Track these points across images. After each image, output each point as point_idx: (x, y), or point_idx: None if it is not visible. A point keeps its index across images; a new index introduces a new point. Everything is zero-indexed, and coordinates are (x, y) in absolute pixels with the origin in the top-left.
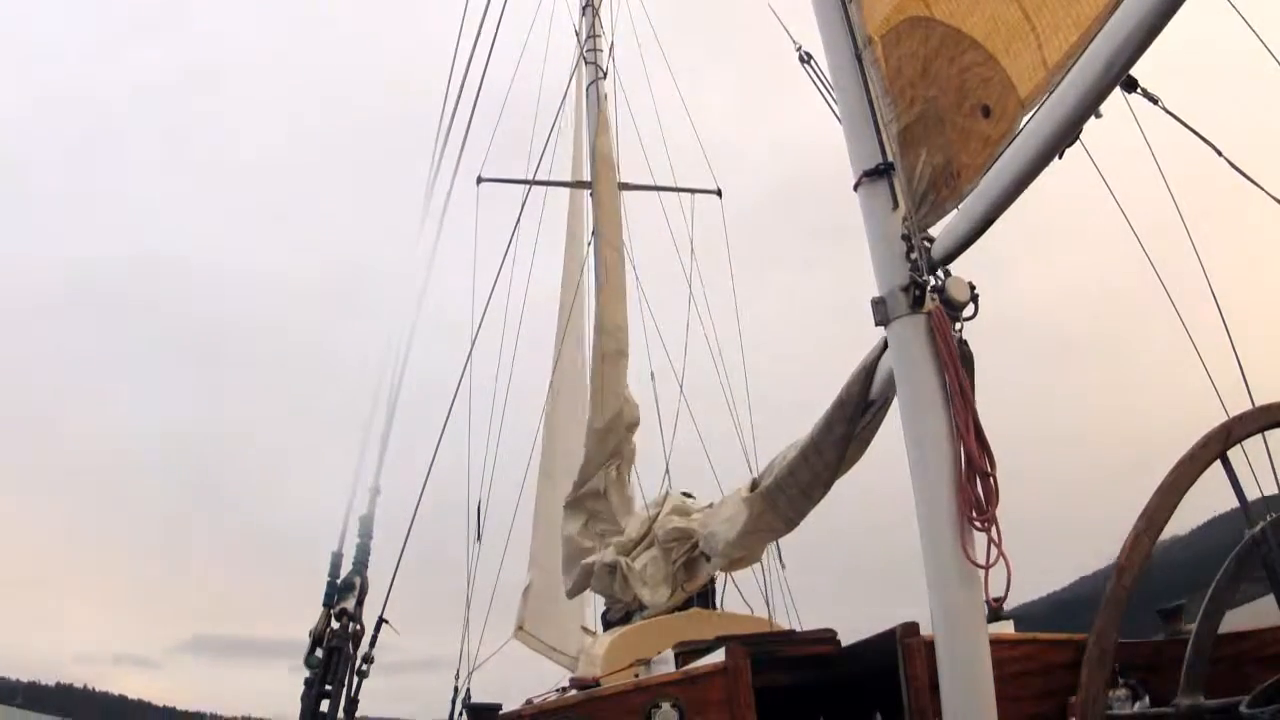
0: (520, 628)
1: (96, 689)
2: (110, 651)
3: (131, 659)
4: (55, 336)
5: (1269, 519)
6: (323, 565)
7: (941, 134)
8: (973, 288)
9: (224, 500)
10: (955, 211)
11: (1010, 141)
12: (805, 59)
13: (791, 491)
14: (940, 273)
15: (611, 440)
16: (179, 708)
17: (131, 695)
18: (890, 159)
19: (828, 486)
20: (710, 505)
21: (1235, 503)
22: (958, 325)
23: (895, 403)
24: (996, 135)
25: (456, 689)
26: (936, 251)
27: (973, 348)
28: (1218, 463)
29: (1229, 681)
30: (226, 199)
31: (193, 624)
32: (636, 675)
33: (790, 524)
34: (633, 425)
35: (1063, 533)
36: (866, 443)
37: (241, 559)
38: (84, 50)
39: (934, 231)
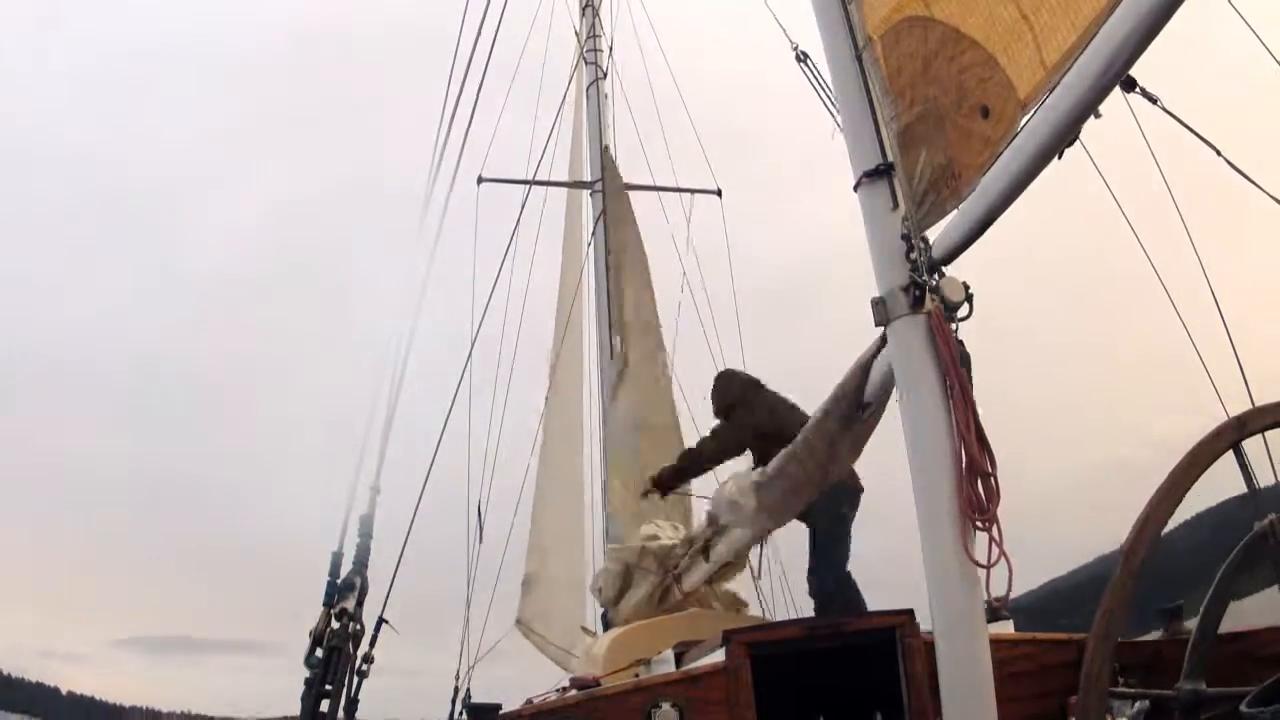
0: (519, 621)
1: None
2: (38, 646)
3: (61, 654)
4: None
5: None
6: (289, 572)
7: (942, 134)
8: (967, 288)
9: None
10: (955, 212)
11: (1009, 142)
12: (801, 58)
13: (781, 487)
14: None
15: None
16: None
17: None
18: (890, 159)
19: (818, 488)
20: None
21: (1211, 503)
22: (953, 325)
23: (894, 403)
24: (996, 136)
25: (456, 689)
26: (936, 252)
27: (969, 347)
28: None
29: (1228, 681)
30: (225, 198)
31: (131, 623)
32: (636, 675)
33: (778, 521)
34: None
35: (1056, 527)
36: (862, 444)
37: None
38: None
39: (934, 231)
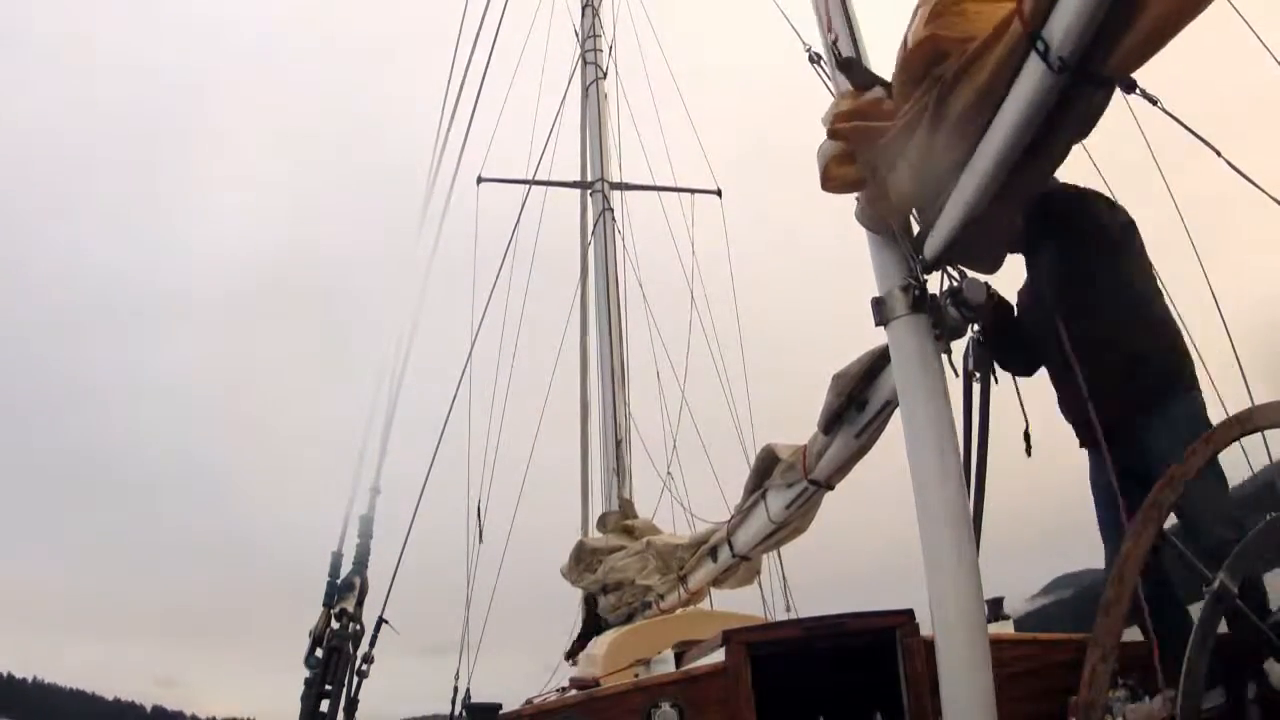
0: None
1: None
2: None
3: None
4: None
5: (1224, 570)
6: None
7: None
8: (989, 289)
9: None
10: (944, 213)
11: (979, 142)
12: (815, 59)
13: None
14: (955, 273)
15: None
16: None
17: None
18: None
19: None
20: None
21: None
22: (974, 326)
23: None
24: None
25: (456, 689)
26: (928, 252)
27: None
28: None
29: (1229, 678)
30: (225, 195)
31: None
32: (636, 675)
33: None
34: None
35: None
36: (865, 448)
37: None
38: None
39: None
